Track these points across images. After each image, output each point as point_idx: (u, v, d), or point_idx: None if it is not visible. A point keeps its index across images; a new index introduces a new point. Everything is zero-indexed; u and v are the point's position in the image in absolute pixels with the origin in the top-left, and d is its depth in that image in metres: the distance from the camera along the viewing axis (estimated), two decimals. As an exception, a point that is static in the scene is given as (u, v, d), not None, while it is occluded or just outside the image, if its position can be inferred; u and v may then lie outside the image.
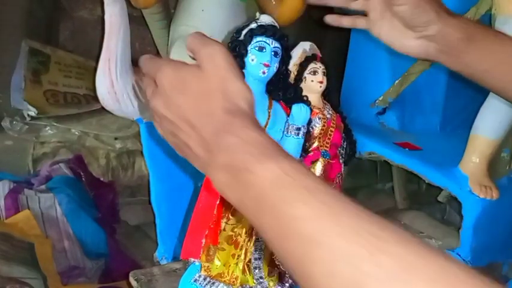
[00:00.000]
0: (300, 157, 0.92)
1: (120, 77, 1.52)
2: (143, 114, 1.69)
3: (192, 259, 0.91)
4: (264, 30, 0.86)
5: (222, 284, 0.90)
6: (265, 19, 0.90)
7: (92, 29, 2.41)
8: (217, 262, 0.90)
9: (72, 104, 2.18)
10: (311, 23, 2.91)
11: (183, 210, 1.70)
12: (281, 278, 0.94)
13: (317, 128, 0.99)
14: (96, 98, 1.64)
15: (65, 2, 2.39)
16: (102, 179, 2.09)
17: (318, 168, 0.98)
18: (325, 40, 2.94)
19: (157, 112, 0.59)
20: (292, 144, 0.88)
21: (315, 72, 1.00)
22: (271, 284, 0.92)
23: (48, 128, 2.06)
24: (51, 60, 2.22)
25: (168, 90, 0.57)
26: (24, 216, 1.62)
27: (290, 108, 0.89)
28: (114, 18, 1.48)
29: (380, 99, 2.21)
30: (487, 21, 1.77)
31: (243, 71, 0.87)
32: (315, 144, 0.99)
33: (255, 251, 0.89)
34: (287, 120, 0.88)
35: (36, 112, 2.03)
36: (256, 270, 0.89)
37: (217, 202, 0.86)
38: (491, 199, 1.68)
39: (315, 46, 1.05)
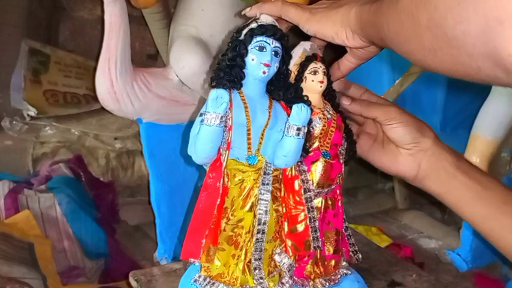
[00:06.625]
0: (301, 157, 0.92)
1: (120, 76, 1.52)
2: (143, 114, 1.69)
3: (192, 259, 0.90)
4: (264, 30, 0.86)
5: (222, 285, 0.90)
6: (265, 19, 0.90)
7: (91, 29, 2.41)
8: (217, 262, 0.90)
9: (71, 103, 2.18)
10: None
11: (183, 210, 1.69)
12: (281, 278, 0.93)
13: (317, 128, 0.98)
14: (96, 98, 1.63)
15: (65, 2, 2.38)
16: (101, 179, 2.09)
17: (319, 168, 0.98)
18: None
19: None
20: (293, 144, 0.87)
21: (315, 72, 0.99)
22: (272, 284, 0.91)
23: (48, 128, 2.06)
24: (51, 60, 2.21)
25: None
26: (24, 216, 1.62)
27: (290, 108, 0.89)
28: (114, 18, 1.48)
29: (380, 99, 2.20)
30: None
31: (244, 70, 0.87)
32: (316, 144, 0.99)
33: (255, 251, 0.89)
34: (287, 120, 0.88)
35: (36, 112, 2.02)
36: (257, 271, 0.89)
37: (217, 202, 0.86)
38: (492, 199, 1.68)
39: (316, 46, 1.05)
